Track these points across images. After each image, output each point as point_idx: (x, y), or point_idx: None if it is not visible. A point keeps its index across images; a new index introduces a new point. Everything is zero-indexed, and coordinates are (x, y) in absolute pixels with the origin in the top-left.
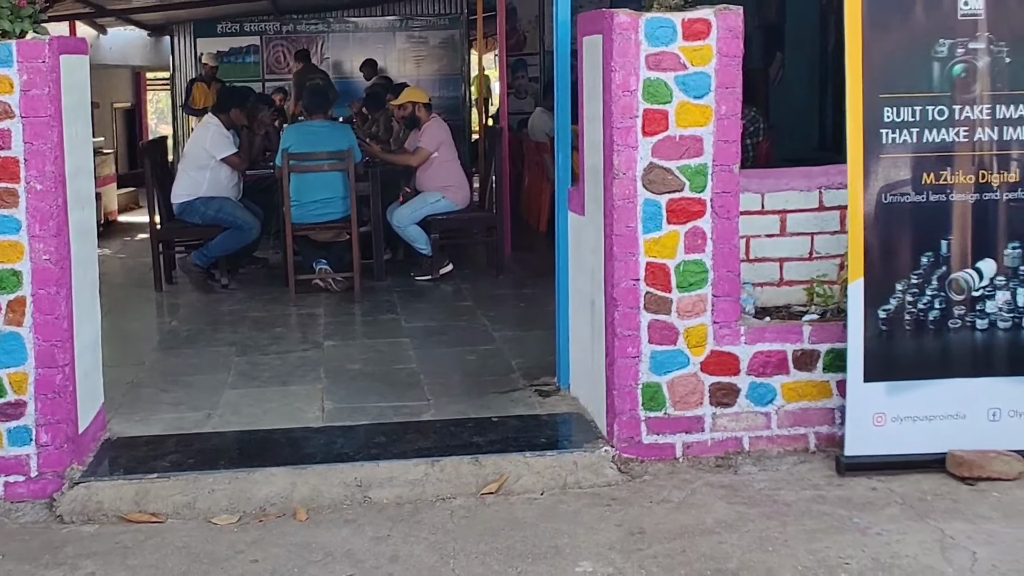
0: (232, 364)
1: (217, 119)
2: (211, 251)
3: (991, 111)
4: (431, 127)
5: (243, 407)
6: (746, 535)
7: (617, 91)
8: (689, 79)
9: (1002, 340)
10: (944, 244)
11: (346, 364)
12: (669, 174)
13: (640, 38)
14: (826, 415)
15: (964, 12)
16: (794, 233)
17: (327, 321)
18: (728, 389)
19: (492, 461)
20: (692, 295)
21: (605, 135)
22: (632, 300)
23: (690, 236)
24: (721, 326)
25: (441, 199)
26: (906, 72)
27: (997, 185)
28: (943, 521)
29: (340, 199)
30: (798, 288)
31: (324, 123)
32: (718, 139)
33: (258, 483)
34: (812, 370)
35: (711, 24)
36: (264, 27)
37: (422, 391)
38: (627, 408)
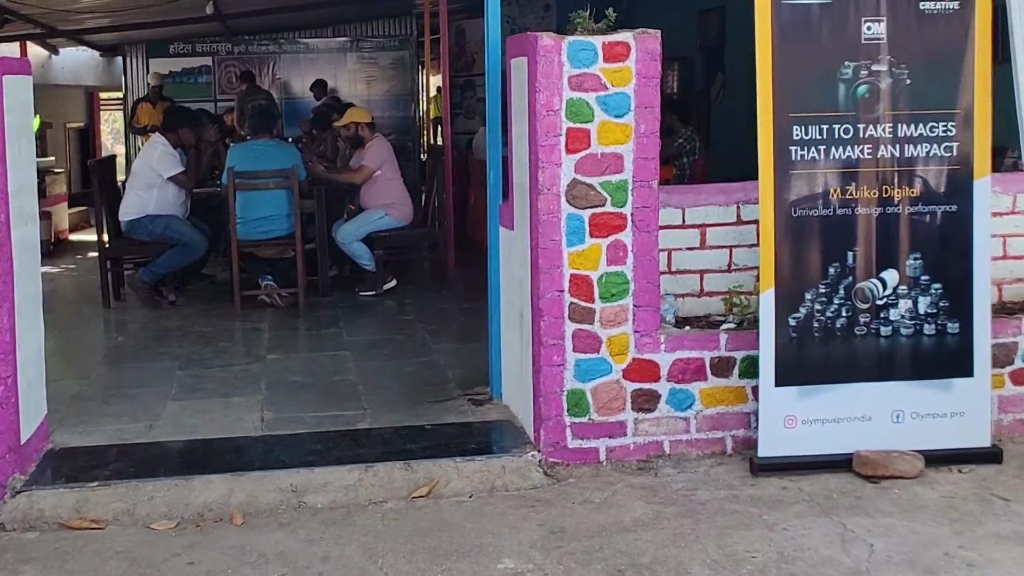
0: (175, 377)
1: (164, 138)
2: (158, 268)
3: (893, 130)
4: (374, 146)
5: (184, 418)
6: (661, 532)
7: (541, 111)
8: (610, 99)
9: (905, 346)
10: (850, 255)
11: (287, 376)
12: (591, 190)
13: (563, 60)
14: (742, 419)
15: (867, 36)
16: (714, 246)
17: (271, 335)
18: (649, 395)
19: (424, 466)
20: (614, 305)
21: (531, 153)
22: (557, 310)
23: (612, 249)
24: (642, 335)
25: (384, 216)
26: (814, 92)
27: (899, 199)
28: (846, 517)
29: (285, 216)
30: (717, 299)
31: (269, 142)
32: (638, 156)
33: (196, 490)
34: (729, 376)
35: (630, 47)
36: (216, 48)
37: (359, 401)
38: (553, 414)
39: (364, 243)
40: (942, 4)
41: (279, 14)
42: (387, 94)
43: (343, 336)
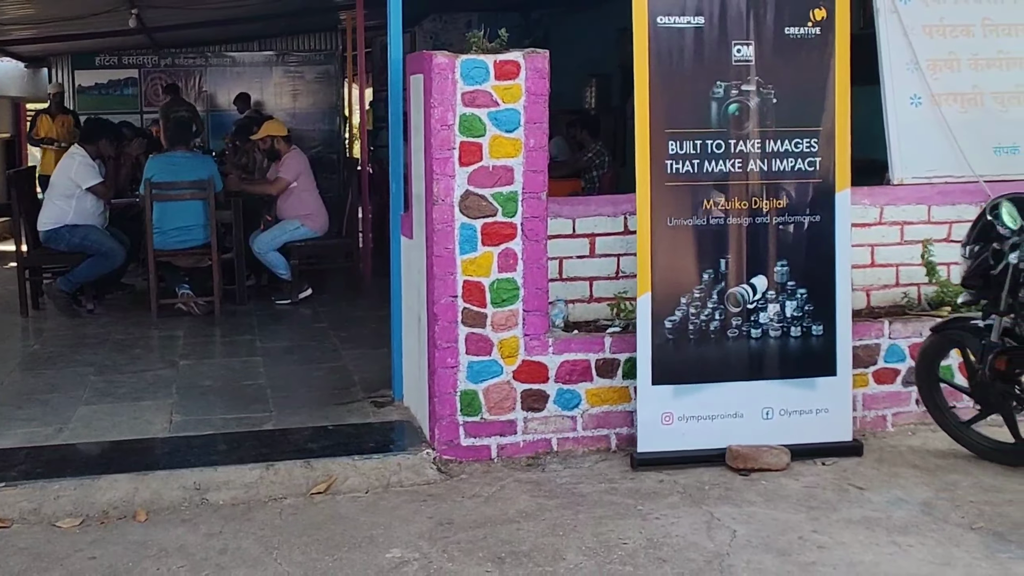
0: (89, 383)
1: (83, 149)
2: (76, 277)
3: (761, 145)
4: (290, 158)
5: (95, 421)
6: (542, 523)
7: (436, 125)
8: (501, 115)
9: (773, 347)
10: (723, 262)
11: (198, 381)
12: (484, 200)
13: (457, 77)
14: (626, 417)
15: (737, 59)
16: (602, 255)
17: (186, 342)
18: (538, 395)
19: (323, 464)
20: (505, 310)
21: (426, 165)
22: (451, 315)
23: (503, 257)
24: (531, 338)
25: (300, 227)
26: (688, 110)
27: (767, 210)
28: (714, 506)
29: (201, 227)
30: (606, 304)
31: (186, 154)
32: (527, 169)
33: (102, 489)
34: (613, 377)
35: (520, 65)
36: (143, 60)
37: (266, 404)
38: (447, 414)
39: (280, 253)
40: (805, 29)
41: (205, 28)
42: (312, 107)
43: (256, 343)
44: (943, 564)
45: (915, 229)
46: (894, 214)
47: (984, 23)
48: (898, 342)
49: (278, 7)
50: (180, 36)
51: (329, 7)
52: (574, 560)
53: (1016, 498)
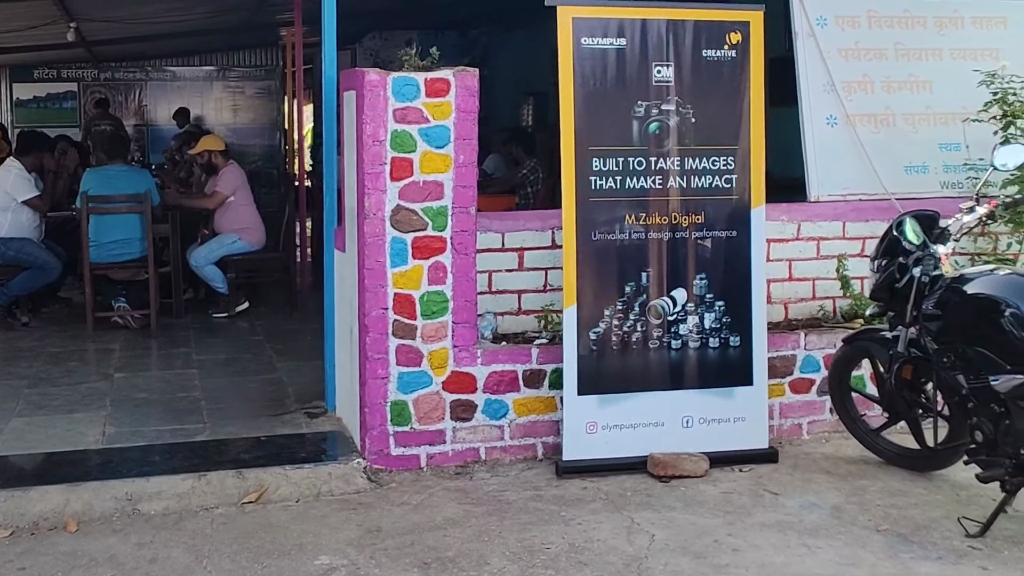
0: (22, 395)
1: (19, 163)
2: (11, 290)
3: (680, 163)
4: (227, 172)
5: (27, 434)
6: (468, 529)
7: (368, 141)
8: (431, 131)
9: (692, 357)
10: (644, 275)
11: (133, 393)
12: (414, 215)
13: (388, 94)
14: (552, 427)
15: (658, 79)
16: (531, 268)
17: (121, 355)
18: (467, 405)
19: (255, 474)
20: (435, 322)
21: (359, 180)
22: (382, 327)
23: (433, 270)
24: (460, 349)
25: (237, 240)
26: (611, 128)
27: (686, 225)
28: (635, 512)
29: (137, 240)
30: (534, 317)
31: (122, 167)
32: (457, 184)
33: (33, 500)
34: (540, 387)
35: (450, 83)
36: (82, 74)
37: (200, 416)
38: (377, 424)
39: (217, 266)
40: (722, 52)
41: (145, 42)
42: (253, 122)
43: (192, 355)
44: (849, 564)
45: (831, 244)
46: (811, 230)
47: (896, 47)
48: (813, 353)
49: (219, 22)
50: (120, 50)
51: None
52: (498, 565)
53: (920, 501)
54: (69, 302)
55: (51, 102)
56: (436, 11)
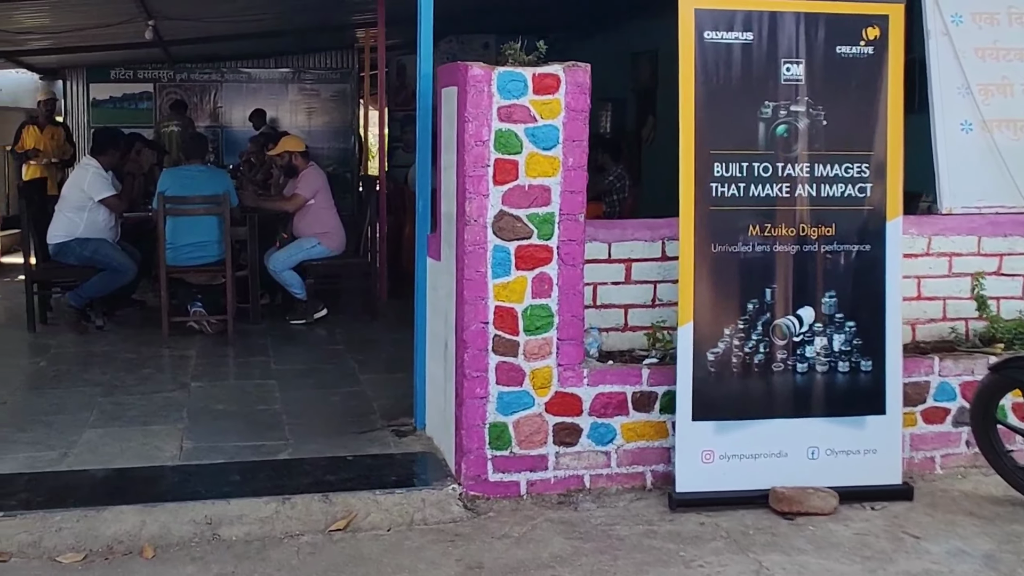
0: (96, 404)
1: (96, 161)
2: (86, 292)
3: (810, 169)
4: (308, 175)
5: (101, 446)
6: (579, 568)
7: (470, 141)
8: (539, 131)
9: (819, 383)
10: (768, 292)
11: (210, 405)
12: (518, 222)
13: (493, 90)
14: (662, 454)
15: (787, 77)
16: (639, 281)
17: (197, 362)
18: (571, 429)
19: (342, 499)
20: (538, 338)
21: (459, 183)
22: (481, 342)
23: (537, 282)
24: (565, 368)
25: (317, 245)
26: (735, 130)
27: (815, 238)
28: (762, 553)
29: (215, 243)
30: (641, 333)
31: (201, 168)
32: (565, 189)
33: (107, 521)
34: (650, 411)
35: (560, 79)
36: (158, 75)
37: (282, 431)
38: (474, 447)
39: (296, 271)
40: (857, 49)
41: (220, 43)
42: (327, 125)
43: (271, 365)
44: None
45: (964, 261)
46: (942, 245)
47: None
48: (948, 380)
49: (294, 22)
50: (195, 50)
51: (346, 25)
52: None
53: None
54: (143, 305)
55: (127, 102)
56: (513, 16)
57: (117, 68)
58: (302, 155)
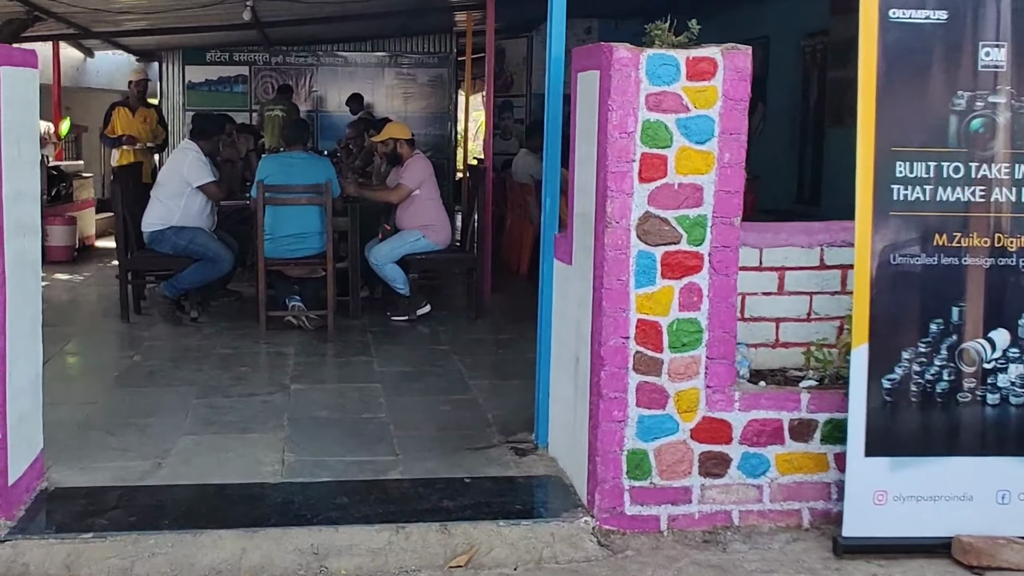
0: (190, 407)
1: (196, 145)
2: (181, 282)
3: (1010, 170)
4: (413, 164)
5: (196, 456)
6: None
7: (613, 132)
8: (691, 122)
9: (1014, 417)
10: (955, 311)
11: (312, 411)
12: (665, 224)
13: (640, 76)
14: (822, 490)
15: (985, 64)
16: (792, 292)
17: (296, 361)
18: (719, 458)
19: (462, 530)
20: (685, 356)
21: (599, 180)
22: (620, 359)
23: (685, 292)
24: (714, 391)
25: (421, 238)
26: (921, 125)
27: (1014, 250)
28: None
29: (316, 234)
30: (795, 351)
31: (302, 155)
32: (720, 188)
33: (204, 547)
34: (809, 441)
35: (717, 64)
36: (254, 58)
37: (391, 444)
38: (610, 476)
39: (398, 265)
40: None
41: (318, 24)
42: (424, 111)
43: (373, 366)
44: None
45: None
46: None
47: None
48: None
49: (393, 4)
50: (292, 32)
51: (446, 7)
52: None
53: None
54: (239, 296)
55: (222, 85)
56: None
57: (213, 50)
58: (408, 143)
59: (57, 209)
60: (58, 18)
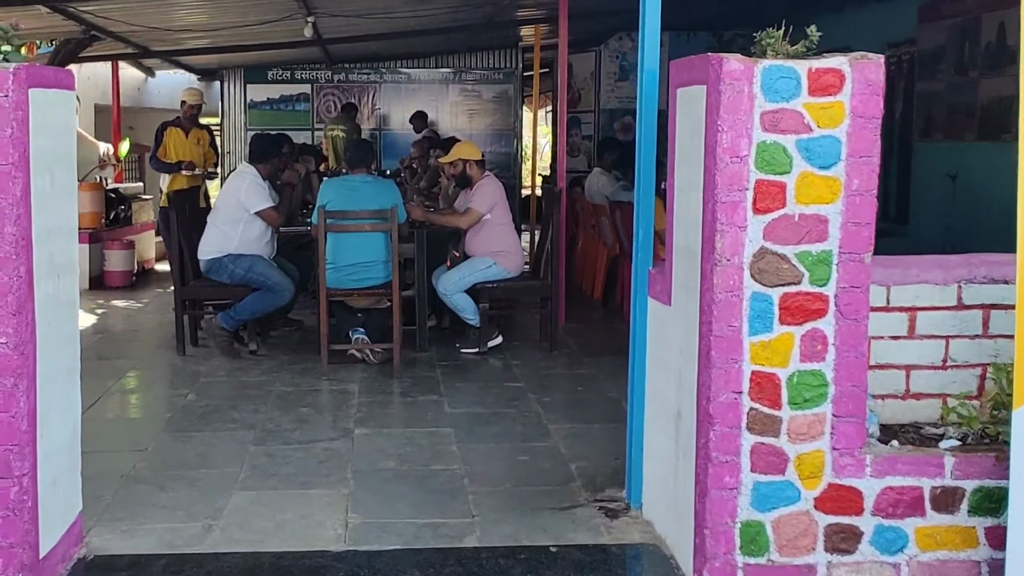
0: (247, 455)
1: (254, 168)
2: (239, 314)
3: None
4: (484, 186)
5: (252, 517)
6: None
7: (724, 156)
8: (814, 144)
9: None
10: None
11: (378, 461)
12: (784, 262)
13: (755, 91)
14: (970, 569)
15: None
16: (925, 336)
17: (361, 401)
18: (848, 532)
19: None
20: (807, 414)
21: (706, 211)
22: (732, 418)
23: (807, 340)
24: (842, 453)
25: (492, 265)
26: None
27: None
28: None
29: (381, 263)
30: (928, 403)
31: (366, 178)
32: (847, 220)
33: None
34: (954, 512)
35: (844, 76)
36: (316, 75)
37: (466, 503)
38: (721, 551)
39: (468, 294)
40: None
41: (380, 41)
42: (489, 129)
43: (444, 406)
44: None
45: None
46: None
47: None
48: None
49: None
50: (354, 49)
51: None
52: None
53: None
54: (300, 325)
55: (284, 104)
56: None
57: (274, 68)
58: (478, 163)
59: (115, 233)
60: (116, 37)
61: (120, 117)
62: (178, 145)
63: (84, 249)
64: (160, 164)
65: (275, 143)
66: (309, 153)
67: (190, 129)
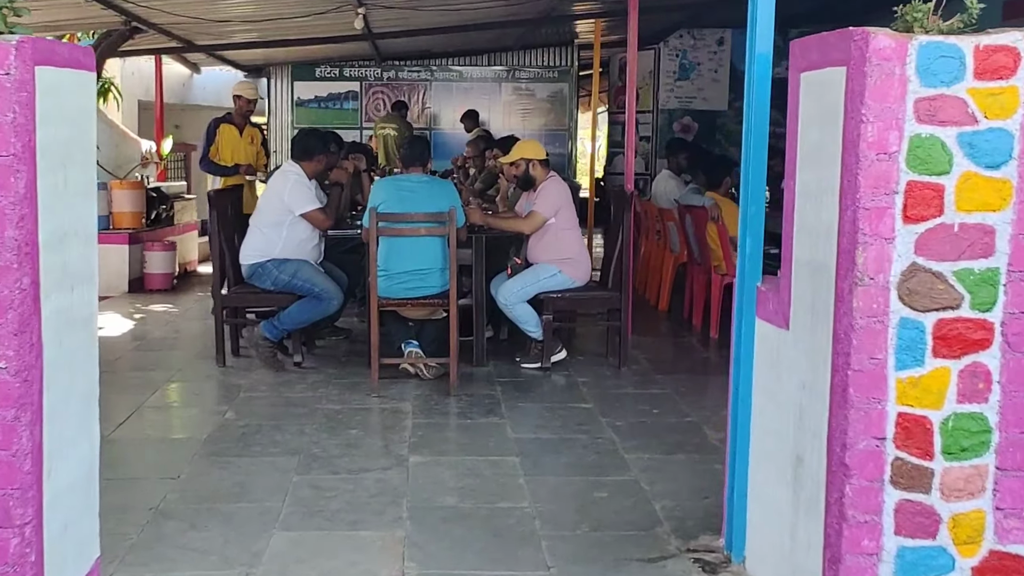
0: (290, 486)
1: (299, 167)
2: (283, 323)
3: None
4: (549, 188)
5: (294, 564)
6: None
7: (868, 152)
8: (980, 138)
9: None
10: None
11: (436, 496)
12: (940, 282)
13: (908, 73)
14: None
15: None
16: None
17: (415, 422)
18: None
19: None
20: (964, 465)
21: (843, 218)
22: (873, 469)
23: (967, 377)
24: (1007, 514)
25: (557, 274)
26: None
27: None
28: None
29: (437, 271)
30: None
31: (422, 178)
32: (1019, 232)
33: None
34: None
35: (1020, 56)
36: (365, 73)
37: (539, 550)
38: None
39: (530, 304)
40: None
41: (431, 35)
42: (543, 129)
43: (506, 430)
44: None
45: None
46: None
47: None
48: None
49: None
50: (405, 45)
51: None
52: None
53: None
54: (348, 334)
55: (332, 102)
56: None
57: (322, 65)
58: (542, 163)
59: (156, 234)
60: (159, 29)
61: (164, 114)
62: (232, 144)
63: (123, 250)
64: (212, 166)
65: (322, 139)
66: (360, 151)
67: (244, 127)
